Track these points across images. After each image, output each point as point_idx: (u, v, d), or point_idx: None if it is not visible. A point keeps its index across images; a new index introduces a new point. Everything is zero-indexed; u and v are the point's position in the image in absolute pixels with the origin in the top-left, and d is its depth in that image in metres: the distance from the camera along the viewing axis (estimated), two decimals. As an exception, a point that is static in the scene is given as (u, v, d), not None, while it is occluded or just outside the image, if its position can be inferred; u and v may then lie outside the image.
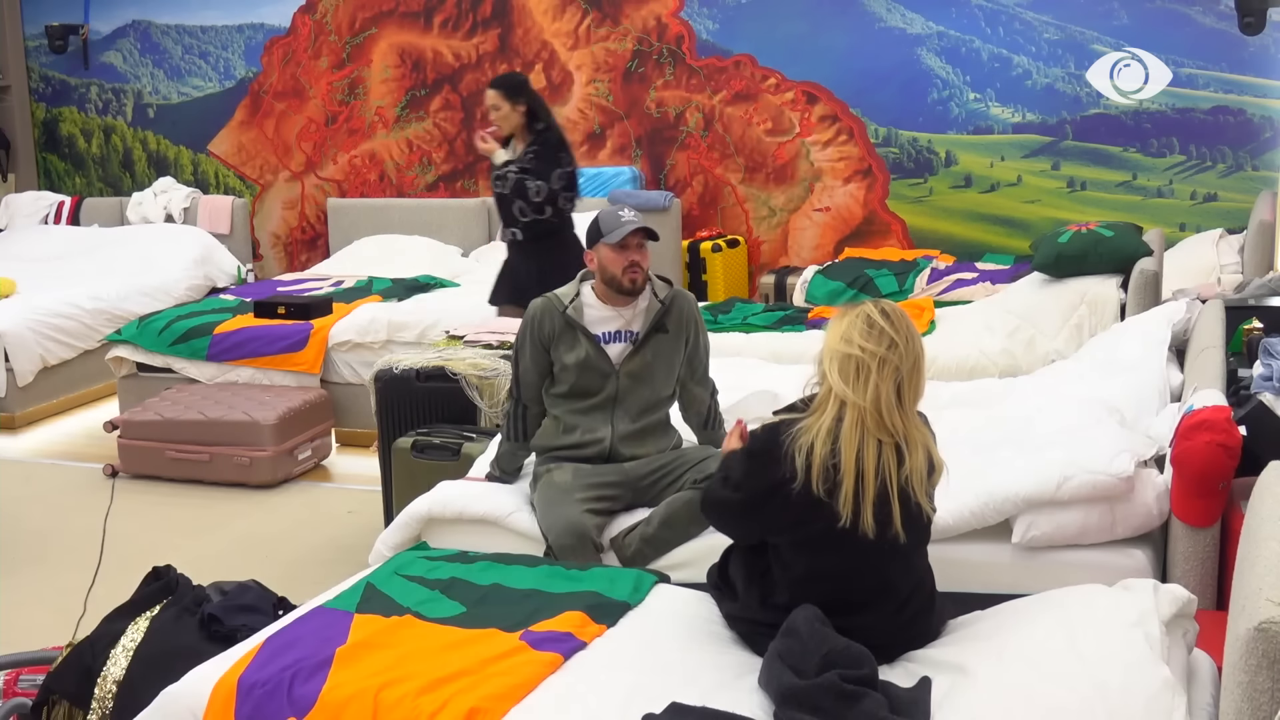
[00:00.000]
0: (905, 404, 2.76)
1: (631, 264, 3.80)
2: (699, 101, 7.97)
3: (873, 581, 2.80)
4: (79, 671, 3.15)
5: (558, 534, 3.61)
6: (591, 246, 3.86)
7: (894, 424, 2.74)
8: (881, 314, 2.78)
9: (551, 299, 3.92)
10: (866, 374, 2.73)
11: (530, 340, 3.92)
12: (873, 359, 2.73)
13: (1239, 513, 3.06)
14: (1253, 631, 1.98)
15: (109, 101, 9.47)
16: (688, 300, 3.98)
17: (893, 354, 2.74)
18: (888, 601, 2.81)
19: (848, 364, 2.75)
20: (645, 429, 3.91)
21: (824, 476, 2.73)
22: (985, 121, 7.47)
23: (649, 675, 2.72)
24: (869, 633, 2.74)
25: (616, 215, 3.84)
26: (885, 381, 2.73)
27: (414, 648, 2.86)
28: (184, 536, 5.20)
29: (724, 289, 7.62)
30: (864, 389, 2.72)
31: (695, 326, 3.97)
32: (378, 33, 8.62)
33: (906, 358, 2.75)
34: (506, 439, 4.03)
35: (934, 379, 5.19)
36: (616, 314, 3.89)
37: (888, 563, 2.80)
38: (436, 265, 7.66)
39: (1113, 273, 5.62)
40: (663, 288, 3.94)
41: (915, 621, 2.85)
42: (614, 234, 3.78)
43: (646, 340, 3.88)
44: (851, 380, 2.74)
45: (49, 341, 7.12)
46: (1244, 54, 6.94)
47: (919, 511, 2.81)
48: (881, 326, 2.75)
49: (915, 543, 2.85)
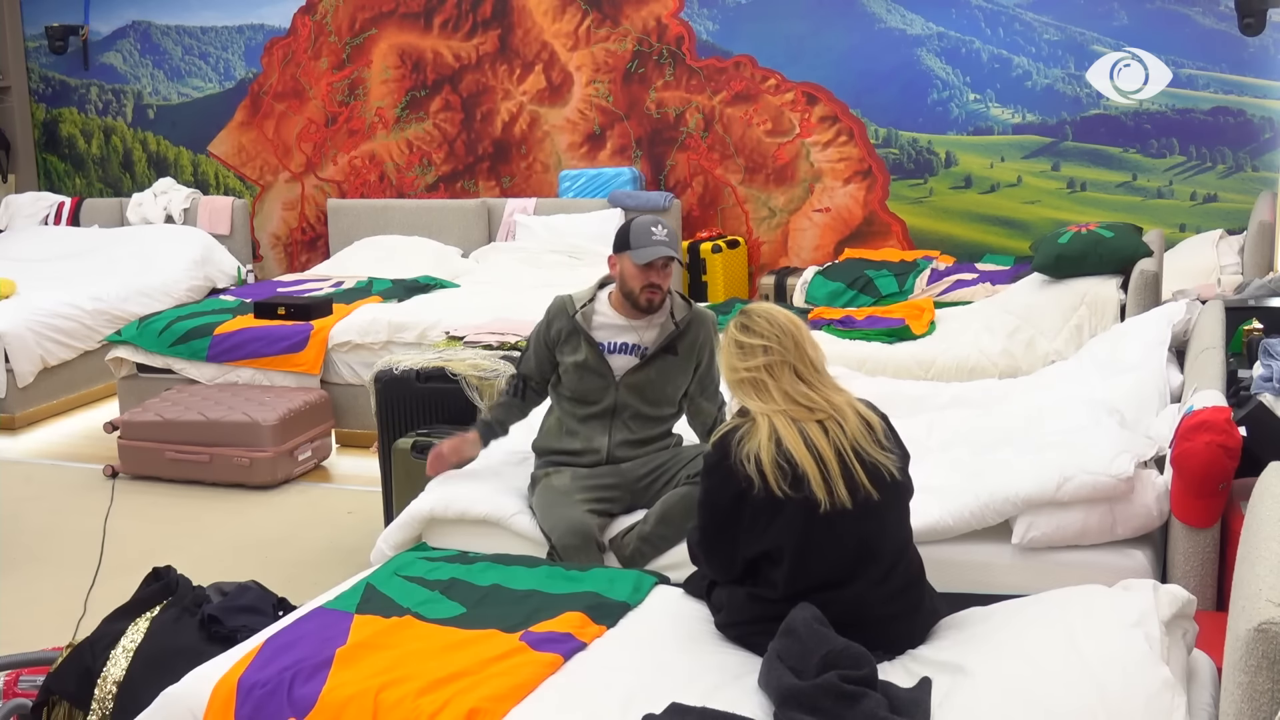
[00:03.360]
0: (810, 380, 2.86)
1: (651, 285, 3.76)
2: (699, 102, 7.97)
3: (857, 549, 2.81)
4: (79, 672, 3.15)
5: (561, 534, 3.61)
6: (617, 253, 3.81)
7: (815, 403, 2.83)
8: (742, 329, 2.91)
9: (567, 300, 3.91)
10: (764, 386, 2.85)
11: (539, 336, 3.95)
12: (760, 371, 2.86)
13: (1239, 513, 3.06)
14: (1253, 632, 1.98)
15: (109, 102, 9.48)
16: (704, 326, 3.92)
17: (773, 355, 2.86)
18: (872, 567, 2.82)
19: (746, 387, 2.88)
20: (644, 440, 3.90)
21: (780, 475, 2.77)
22: (985, 122, 7.47)
23: (649, 676, 2.72)
24: (857, 605, 2.76)
25: (649, 232, 3.75)
26: (783, 379, 2.85)
27: (414, 648, 2.86)
28: (184, 537, 5.20)
29: (724, 290, 7.62)
30: (771, 396, 2.84)
31: (710, 352, 3.92)
32: (378, 33, 8.62)
33: (787, 348, 2.87)
34: (507, 395, 4.06)
35: (934, 379, 5.21)
36: (629, 326, 3.86)
37: (866, 525, 2.81)
38: (436, 266, 7.66)
39: (1113, 273, 5.63)
40: (682, 308, 3.89)
41: (904, 593, 2.86)
42: (641, 253, 3.73)
43: (654, 359, 3.85)
44: (756, 397, 2.86)
45: (49, 342, 7.12)
46: (1244, 55, 6.94)
47: (878, 469, 2.83)
48: (749, 343, 2.89)
49: (888, 501, 2.86)
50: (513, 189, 8.48)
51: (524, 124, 8.39)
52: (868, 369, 5.25)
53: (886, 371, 5.29)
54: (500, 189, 8.51)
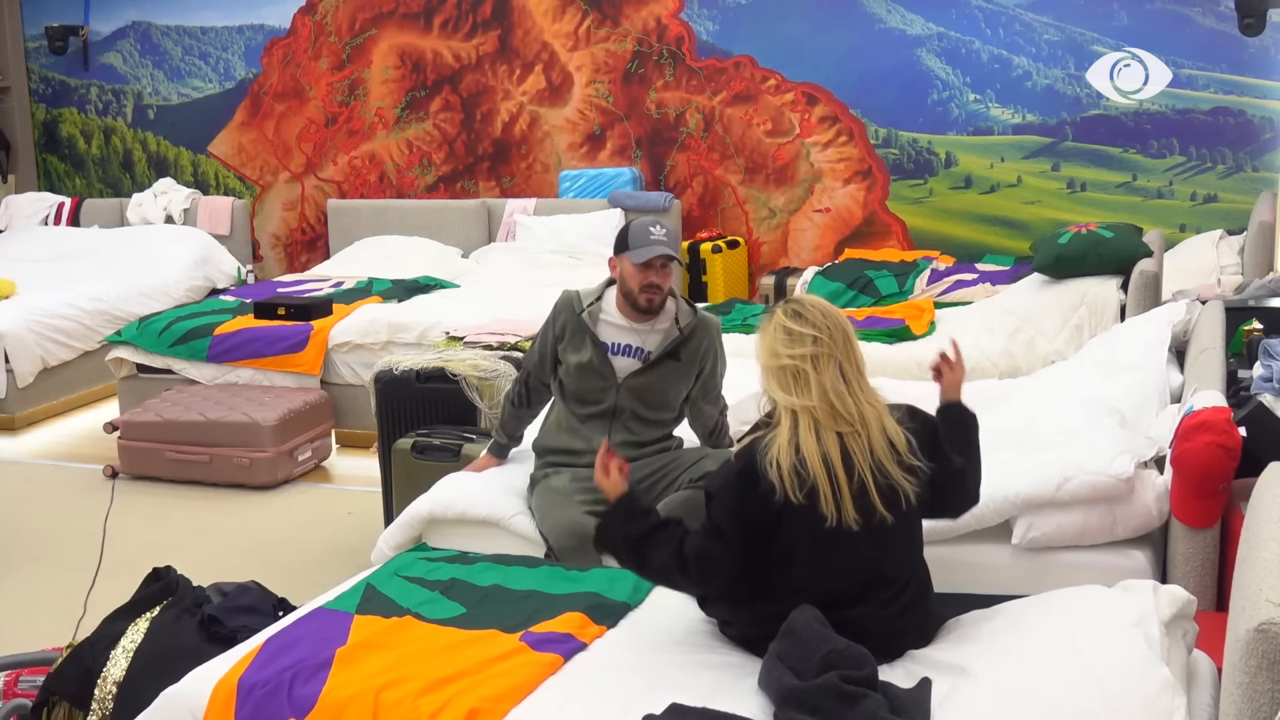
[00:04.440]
0: (852, 382, 2.80)
1: (650, 284, 3.74)
2: (699, 102, 7.97)
3: (867, 572, 2.78)
4: (79, 672, 3.15)
5: (559, 536, 3.61)
6: (617, 254, 3.80)
7: (848, 410, 2.76)
8: (794, 316, 2.81)
9: (574, 297, 3.90)
10: (805, 378, 2.76)
11: (544, 330, 3.95)
12: (804, 361, 2.77)
13: (1239, 514, 3.06)
14: (1252, 633, 1.98)
15: (109, 102, 9.47)
16: (709, 332, 3.89)
17: (821, 347, 2.77)
18: (883, 590, 2.80)
19: (784, 376, 2.78)
20: (643, 442, 3.89)
21: (796, 484, 2.72)
22: (985, 122, 7.47)
23: (649, 676, 2.72)
24: (865, 623, 2.74)
25: (646, 232, 3.74)
26: (826, 374, 2.77)
27: (414, 649, 2.86)
28: (184, 537, 5.20)
29: (724, 290, 7.62)
30: (809, 391, 2.76)
31: (713, 358, 3.89)
32: (378, 34, 8.62)
33: (836, 343, 2.79)
34: (512, 404, 4.06)
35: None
36: (632, 329, 3.84)
37: (879, 551, 2.78)
38: (436, 266, 7.66)
39: (1113, 274, 5.63)
40: (686, 314, 3.86)
41: (910, 610, 2.84)
42: (639, 253, 3.71)
43: (657, 363, 3.83)
44: (794, 389, 2.77)
45: (49, 342, 7.12)
46: (1244, 55, 6.94)
47: (895, 490, 2.78)
48: (799, 330, 2.78)
49: (904, 526, 2.82)
50: (513, 189, 8.48)
51: (524, 124, 8.39)
52: (868, 370, 5.24)
53: (886, 372, 5.28)
54: (500, 189, 8.51)
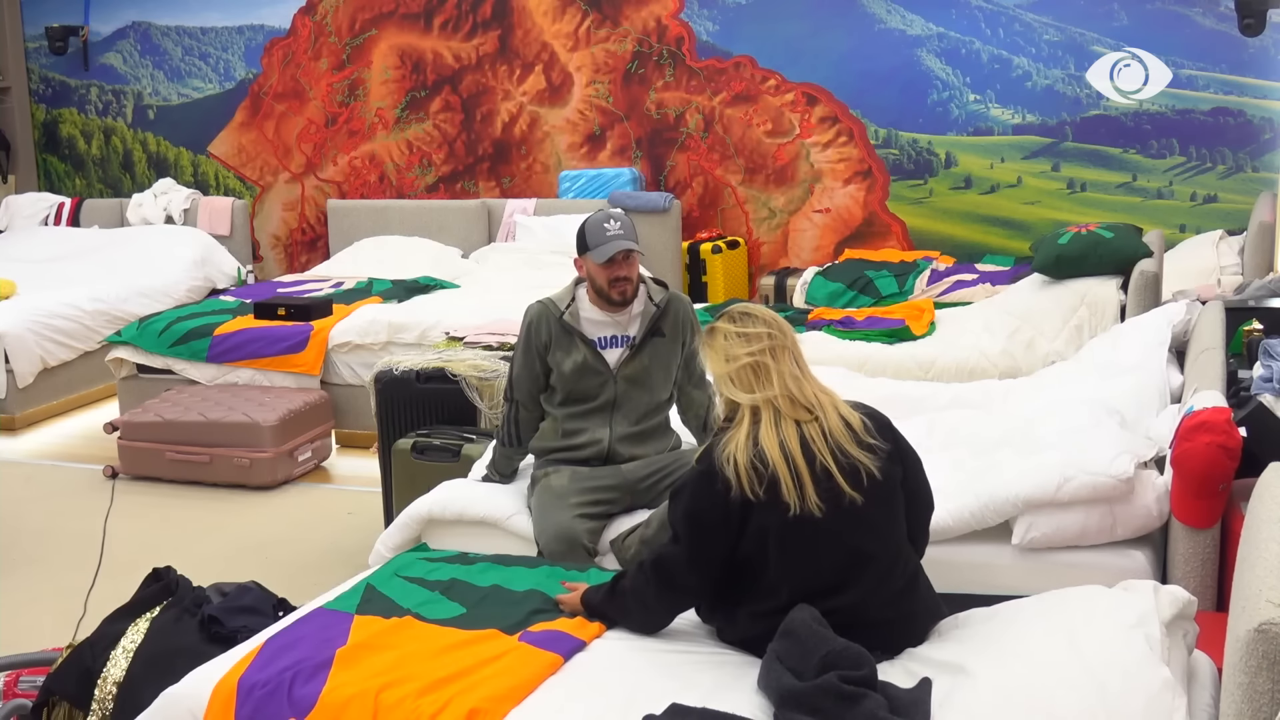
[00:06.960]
0: (804, 370, 2.90)
1: (618, 279, 3.78)
2: (699, 103, 7.97)
3: (843, 558, 2.78)
4: (79, 673, 3.15)
5: (548, 540, 3.62)
6: (580, 255, 3.83)
7: (805, 397, 2.84)
8: (742, 316, 2.93)
9: (548, 305, 3.91)
10: (766, 370, 2.85)
11: (525, 347, 3.92)
12: (764, 355, 2.86)
13: (1239, 514, 3.06)
14: (1253, 633, 1.98)
15: (109, 103, 9.47)
16: (683, 303, 3.97)
17: (775, 340, 2.89)
18: (864, 573, 2.79)
19: (745, 374, 2.86)
20: (644, 432, 3.91)
21: (754, 478, 2.75)
22: (985, 123, 7.47)
23: (649, 676, 2.72)
24: (855, 611, 2.74)
25: (602, 229, 3.77)
26: (784, 363, 2.86)
27: (414, 649, 2.86)
28: (184, 538, 5.20)
29: (724, 290, 7.62)
30: (770, 383, 2.84)
31: (691, 329, 3.95)
32: (378, 34, 8.62)
33: (786, 334, 2.92)
34: (501, 444, 4.03)
35: (934, 380, 5.21)
36: (611, 320, 3.87)
37: (854, 532, 2.79)
38: (436, 267, 7.66)
39: (1113, 274, 5.63)
40: (658, 291, 3.92)
41: (902, 596, 2.84)
42: (599, 251, 3.74)
43: (643, 345, 3.87)
44: (755, 384, 2.86)
45: (49, 343, 7.12)
46: (1244, 55, 6.94)
47: (857, 469, 2.79)
48: (750, 330, 2.89)
49: (877, 503, 2.82)
50: (513, 189, 8.48)
51: (524, 124, 8.39)
52: (868, 370, 5.25)
53: (886, 372, 5.29)
54: (500, 189, 8.51)
